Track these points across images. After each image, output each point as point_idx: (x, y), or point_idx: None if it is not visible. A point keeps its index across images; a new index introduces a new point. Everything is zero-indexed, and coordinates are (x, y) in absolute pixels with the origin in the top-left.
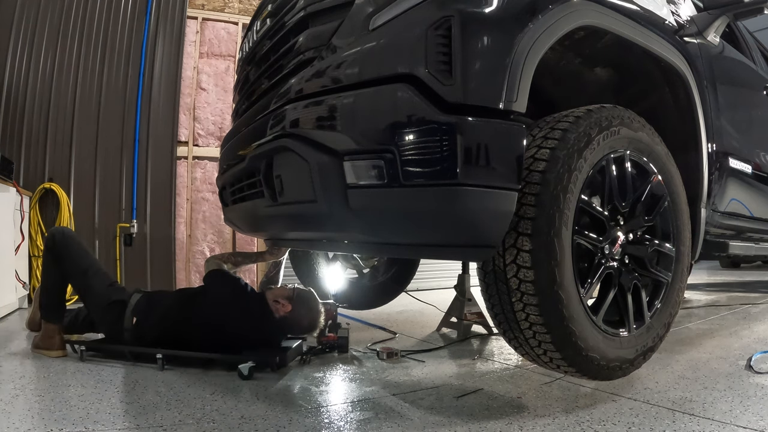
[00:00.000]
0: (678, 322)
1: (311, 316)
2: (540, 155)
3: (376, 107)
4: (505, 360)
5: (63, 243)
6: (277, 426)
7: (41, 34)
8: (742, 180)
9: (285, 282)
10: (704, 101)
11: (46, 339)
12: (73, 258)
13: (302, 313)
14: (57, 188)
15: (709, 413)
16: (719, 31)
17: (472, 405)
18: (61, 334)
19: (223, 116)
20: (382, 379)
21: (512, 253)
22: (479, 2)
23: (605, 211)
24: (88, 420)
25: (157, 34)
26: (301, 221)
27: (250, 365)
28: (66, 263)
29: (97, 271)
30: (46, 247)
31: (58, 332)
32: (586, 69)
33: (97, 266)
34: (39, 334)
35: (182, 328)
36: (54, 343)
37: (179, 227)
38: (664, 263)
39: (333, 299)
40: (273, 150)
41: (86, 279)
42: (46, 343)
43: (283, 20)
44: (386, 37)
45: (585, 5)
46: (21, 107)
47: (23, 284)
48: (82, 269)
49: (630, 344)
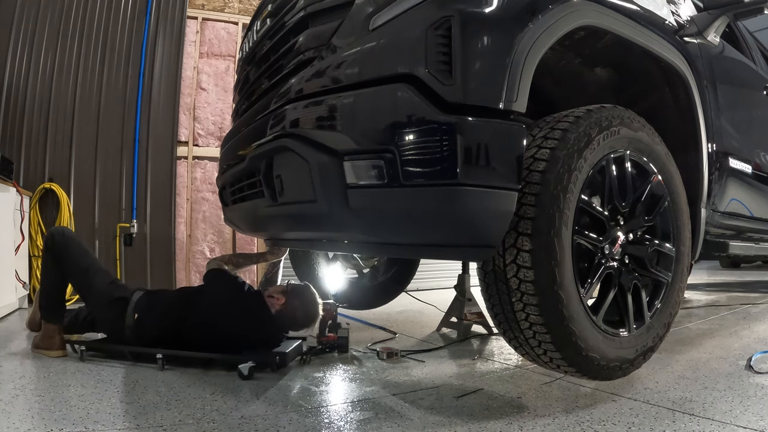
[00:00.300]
0: (678, 322)
1: (306, 309)
2: (540, 155)
3: (376, 107)
4: (505, 360)
5: (62, 243)
6: (277, 426)
7: (41, 34)
8: (742, 180)
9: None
10: (704, 101)
11: (46, 339)
12: (73, 257)
13: (295, 304)
14: (57, 188)
15: (709, 413)
16: (719, 31)
17: (472, 405)
18: (61, 334)
19: (223, 116)
20: (382, 379)
21: (512, 253)
22: (479, 2)
23: (605, 211)
24: (88, 420)
25: (157, 34)
26: (301, 221)
27: (250, 365)
28: (66, 263)
29: (98, 269)
30: (45, 247)
31: (58, 332)
32: (586, 69)
33: (97, 265)
34: (39, 334)
35: (182, 327)
36: (54, 343)
37: (179, 227)
38: (664, 263)
39: (333, 299)
40: (273, 150)
41: (87, 278)
42: (46, 343)
43: (283, 20)
44: (386, 37)
45: (585, 5)
46: (21, 107)
47: (23, 284)
48: (83, 268)
49: (630, 344)
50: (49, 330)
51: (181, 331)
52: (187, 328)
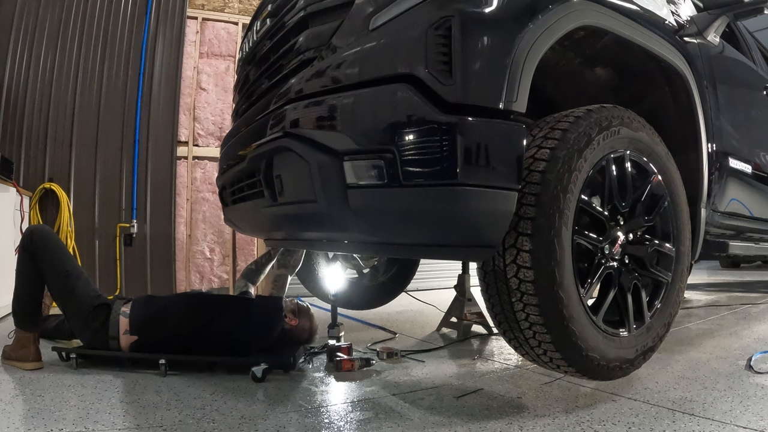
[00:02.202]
0: (678, 322)
1: (312, 331)
2: (540, 155)
3: (376, 107)
4: (505, 360)
5: (42, 242)
6: (277, 426)
7: (41, 34)
8: (742, 180)
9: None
10: (704, 101)
11: (19, 349)
12: (53, 259)
13: (305, 326)
14: (57, 188)
15: (709, 413)
16: (719, 31)
17: (472, 405)
18: (36, 343)
19: (223, 116)
20: (382, 379)
21: (512, 253)
22: (479, 2)
23: (605, 211)
24: (88, 420)
25: (157, 34)
26: (301, 221)
27: (263, 367)
28: (45, 264)
29: (80, 274)
30: (22, 246)
31: (33, 341)
32: (586, 69)
33: (79, 270)
34: (10, 343)
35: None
36: (29, 353)
37: (179, 227)
38: (664, 263)
39: (333, 299)
40: (273, 150)
41: (68, 282)
42: (20, 354)
43: (283, 20)
44: (386, 37)
45: (585, 5)
46: (21, 107)
47: None
48: (64, 271)
49: (630, 344)
50: (23, 339)
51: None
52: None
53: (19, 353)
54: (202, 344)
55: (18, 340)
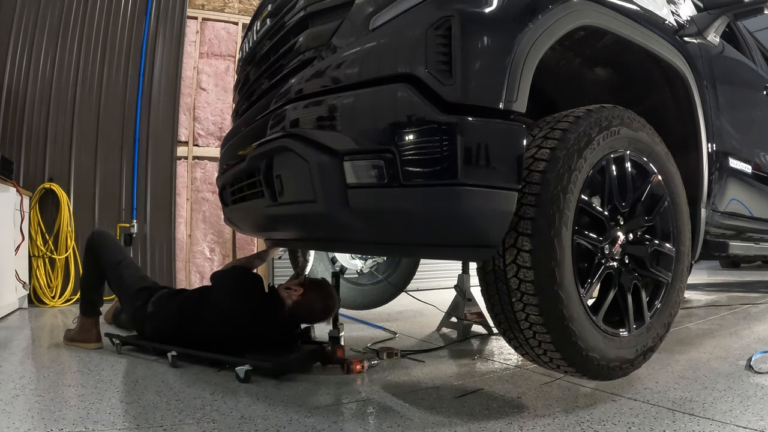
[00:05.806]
0: (678, 322)
1: (325, 301)
2: (540, 155)
3: (376, 107)
4: (505, 360)
5: (99, 240)
6: (277, 426)
7: (41, 34)
8: (742, 180)
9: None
10: (704, 101)
11: (83, 332)
12: (107, 252)
13: (314, 296)
14: (57, 188)
15: (709, 413)
16: (719, 31)
17: (472, 405)
18: (98, 327)
19: (223, 116)
20: (382, 379)
21: (512, 253)
22: (479, 2)
23: (605, 211)
24: (88, 420)
25: (157, 34)
26: (301, 221)
27: (246, 368)
28: (101, 258)
29: (129, 263)
30: (85, 247)
31: (95, 325)
32: (586, 69)
33: (129, 260)
34: (75, 327)
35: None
36: (91, 336)
37: (179, 227)
38: (664, 263)
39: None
40: (273, 150)
41: (119, 270)
42: (84, 336)
43: (283, 20)
44: (386, 37)
45: (585, 5)
46: (21, 107)
47: (23, 284)
48: (116, 261)
49: (630, 344)
50: (87, 323)
51: (193, 328)
52: (199, 324)
53: (84, 336)
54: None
55: (82, 325)
